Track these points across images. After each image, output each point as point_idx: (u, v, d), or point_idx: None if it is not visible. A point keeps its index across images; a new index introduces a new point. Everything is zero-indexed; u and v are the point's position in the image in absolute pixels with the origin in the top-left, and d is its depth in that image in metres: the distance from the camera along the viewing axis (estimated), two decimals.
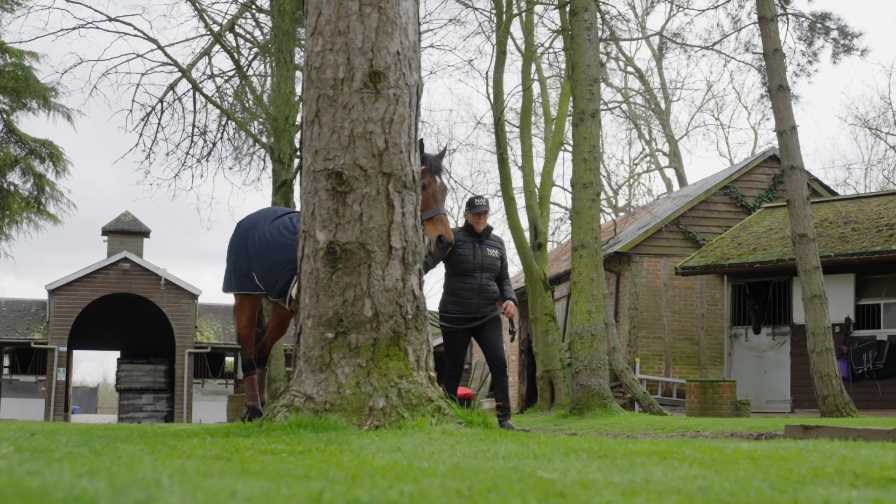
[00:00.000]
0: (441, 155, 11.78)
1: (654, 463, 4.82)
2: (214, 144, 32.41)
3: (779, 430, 11.66)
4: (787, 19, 30.25)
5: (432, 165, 11.45)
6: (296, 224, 11.83)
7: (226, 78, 32.58)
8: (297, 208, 8.32)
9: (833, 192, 35.36)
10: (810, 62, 33.47)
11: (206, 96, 31.60)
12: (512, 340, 13.07)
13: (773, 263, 27.51)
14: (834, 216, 29.20)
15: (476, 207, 12.66)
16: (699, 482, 3.97)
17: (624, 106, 51.93)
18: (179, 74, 31.48)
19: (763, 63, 26.18)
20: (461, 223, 13.42)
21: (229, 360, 54.12)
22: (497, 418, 11.44)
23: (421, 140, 11.31)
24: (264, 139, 31.46)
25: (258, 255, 12.01)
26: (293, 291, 11.45)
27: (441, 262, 12.46)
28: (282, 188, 30.62)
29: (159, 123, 31.60)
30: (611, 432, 14.11)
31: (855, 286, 26.88)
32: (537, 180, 31.05)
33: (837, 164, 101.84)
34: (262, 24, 32.13)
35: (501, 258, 12.80)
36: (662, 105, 55.30)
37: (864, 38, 41.18)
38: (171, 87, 31.72)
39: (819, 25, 32.83)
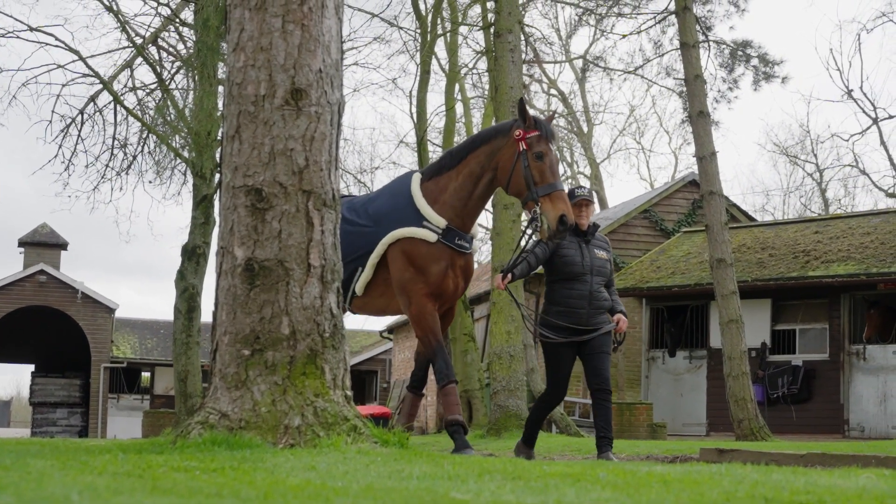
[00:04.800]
0: (550, 118, 10.55)
1: (567, 485, 4.84)
2: (135, 157, 32.15)
3: (694, 453, 11.75)
4: (709, 46, 30.61)
5: (546, 131, 10.20)
6: (356, 207, 10.98)
7: (148, 91, 32.34)
8: (217, 224, 7.81)
9: (751, 218, 35.74)
10: (731, 89, 33.91)
11: (127, 109, 31.34)
12: (615, 351, 11.32)
13: (691, 287, 27.74)
14: (752, 242, 29.51)
15: (576, 197, 10.74)
16: None
17: None
18: (101, 86, 31.20)
19: (684, 89, 26.43)
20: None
21: (145, 375, 53.65)
22: (597, 448, 10.69)
23: (521, 99, 10.62)
24: (185, 153, 31.25)
25: None
26: (357, 285, 10.73)
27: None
28: (202, 203, 30.44)
29: (79, 135, 31.30)
30: None
31: (771, 311, 27.16)
32: None
33: (756, 190, 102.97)
34: (186, 38, 31.96)
35: (610, 261, 11.04)
36: (585, 128, 55.60)
37: (785, 65, 41.71)
38: (92, 98, 31.43)
39: (740, 53, 33.24)
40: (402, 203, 10.57)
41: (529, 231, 10.30)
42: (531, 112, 10.35)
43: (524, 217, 10.77)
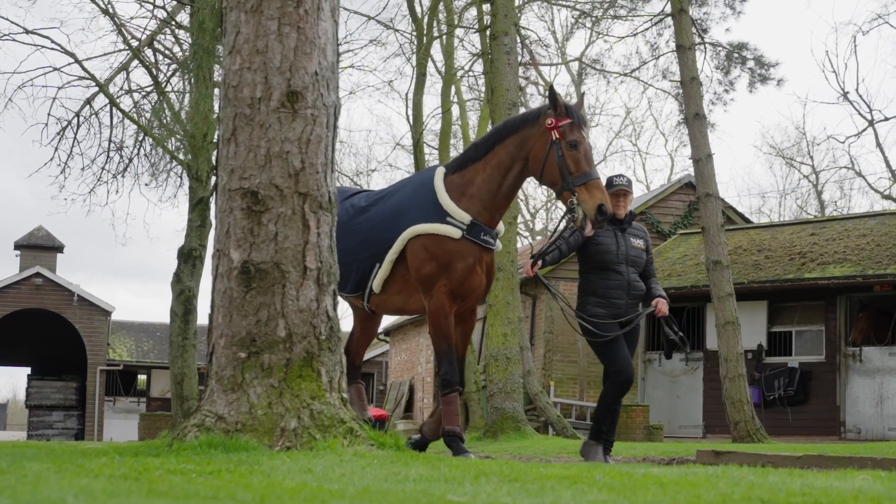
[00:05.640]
0: (580, 104, 10.25)
1: (563, 487, 4.84)
2: (131, 160, 32.12)
3: (690, 455, 11.75)
4: (705, 48, 30.63)
5: (578, 118, 9.92)
6: (375, 201, 10.70)
7: (144, 93, 32.32)
8: (213, 226, 7.56)
9: (747, 220, 35.76)
10: (727, 91, 33.96)
11: (123, 111, 31.33)
12: (681, 348, 11.13)
13: (688, 289, 27.74)
14: (748, 244, 29.52)
15: (614, 186, 10.58)
16: None
17: None
18: (97, 89, 31.17)
19: (680, 91, 26.43)
20: None
21: (142, 377, 53.62)
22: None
23: (552, 87, 10.29)
24: (181, 156, 31.22)
25: None
26: (375, 282, 10.46)
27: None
28: (198, 205, 30.41)
29: (75, 138, 31.27)
30: (524, 456, 14.14)
31: (767, 313, 27.18)
32: None
33: (752, 192, 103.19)
34: (182, 41, 31.92)
35: (647, 250, 10.85)
36: None
37: (780, 68, 41.78)
38: (88, 101, 31.41)
39: (736, 55, 33.29)
40: (424, 197, 10.27)
41: (564, 222, 10.08)
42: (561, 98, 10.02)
43: (559, 208, 10.44)
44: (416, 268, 10.19)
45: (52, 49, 30.67)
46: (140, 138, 32.00)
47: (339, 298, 11.39)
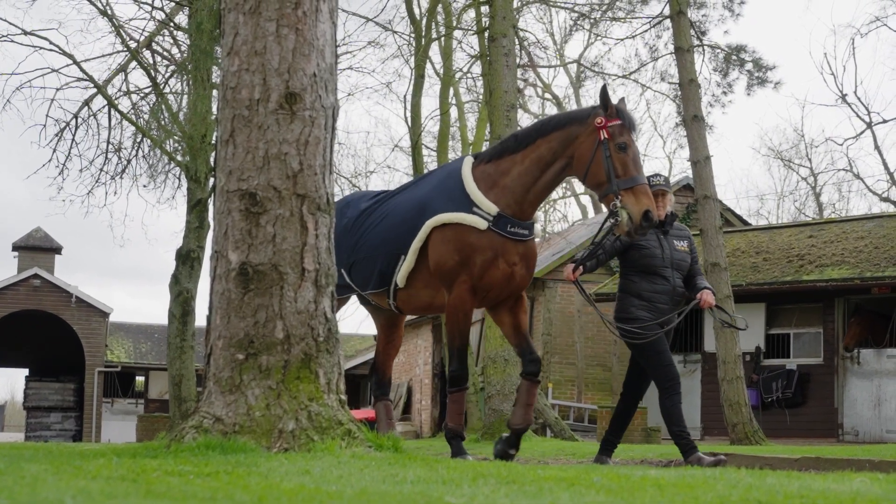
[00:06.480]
0: (624, 104, 9.94)
1: (561, 489, 4.84)
2: (129, 161, 32.12)
3: None
4: (704, 50, 30.63)
5: (628, 120, 9.67)
6: (399, 190, 10.49)
7: (142, 95, 32.33)
8: (212, 228, 7.35)
9: (745, 222, 35.77)
10: (725, 93, 34.03)
11: (121, 113, 31.33)
12: (742, 328, 11.06)
13: None
14: (746, 246, 29.52)
15: (652, 186, 9.93)
16: None
17: None
18: (95, 90, 31.18)
19: (679, 93, 26.45)
20: None
21: (140, 379, 53.61)
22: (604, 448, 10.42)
23: (604, 86, 9.94)
24: (180, 157, 31.23)
25: (354, 238, 10.51)
26: (399, 275, 10.16)
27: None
28: (196, 207, 30.40)
29: (73, 139, 31.27)
30: (521, 458, 14.12)
31: (765, 315, 27.18)
32: None
33: (750, 194, 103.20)
34: (180, 42, 31.93)
35: (692, 251, 10.46)
36: None
37: (778, 70, 41.80)
38: (87, 102, 31.41)
39: (734, 57, 33.32)
40: (451, 186, 9.97)
41: (607, 225, 9.69)
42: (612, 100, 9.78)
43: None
44: (434, 259, 9.92)
45: (51, 50, 30.71)
46: (138, 140, 32.01)
47: (347, 303, 11.28)
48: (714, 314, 10.89)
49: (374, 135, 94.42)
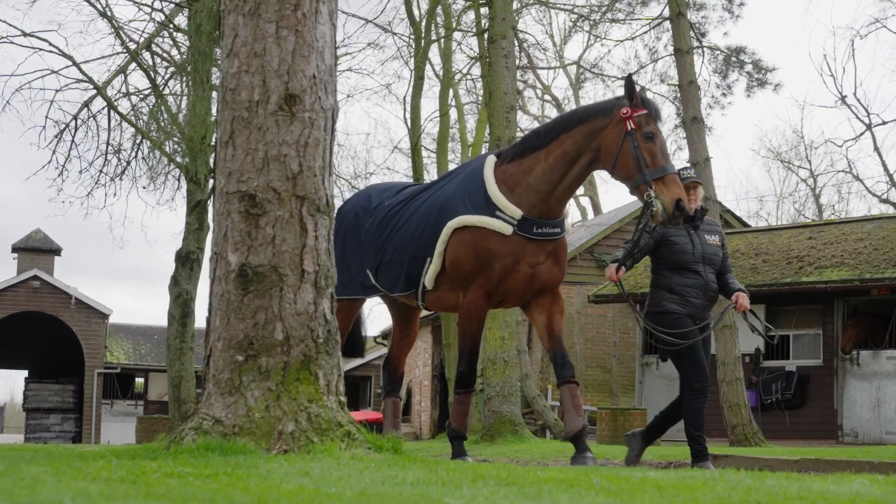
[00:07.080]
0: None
1: (561, 491, 4.84)
2: (128, 163, 32.17)
3: (688, 458, 11.75)
4: (703, 52, 30.64)
5: (654, 110, 9.56)
6: (422, 191, 10.35)
7: (141, 96, 32.37)
8: (211, 229, 7.25)
9: (745, 224, 35.76)
10: (725, 95, 34.02)
11: (121, 114, 31.36)
12: (773, 339, 10.56)
13: None
14: (745, 247, 29.51)
15: (683, 179, 9.74)
16: None
17: None
18: (94, 92, 31.21)
19: (678, 94, 26.45)
20: None
21: (139, 380, 53.60)
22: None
23: (630, 76, 9.83)
24: (179, 159, 31.25)
25: (380, 239, 10.39)
26: (427, 278, 10.04)
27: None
28: (196, 208, 30.43)
29: (73, 140, 31.30)
30: (521, 459, 14.13)
31: (765, 317, 27.14)
32: None
33: (750, 195, 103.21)
34: (180, 44, 31.98)
35: (723, 245, 10.32)
36: None
37: (778, 72, 41.79)
38: (86, 104, 31.43)
39: (734, 59, 33.32)
40: (473, 188, 9.81)
41: (644, 221, 9.47)
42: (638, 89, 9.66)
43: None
44: (451, 260, 9.83)
45: (50, 52, 30.75)
46: (138, 141, 32.05)
47: (355, 302, 11.26)
48: (746, 318, 10.61)
49: (373, 136, 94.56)
